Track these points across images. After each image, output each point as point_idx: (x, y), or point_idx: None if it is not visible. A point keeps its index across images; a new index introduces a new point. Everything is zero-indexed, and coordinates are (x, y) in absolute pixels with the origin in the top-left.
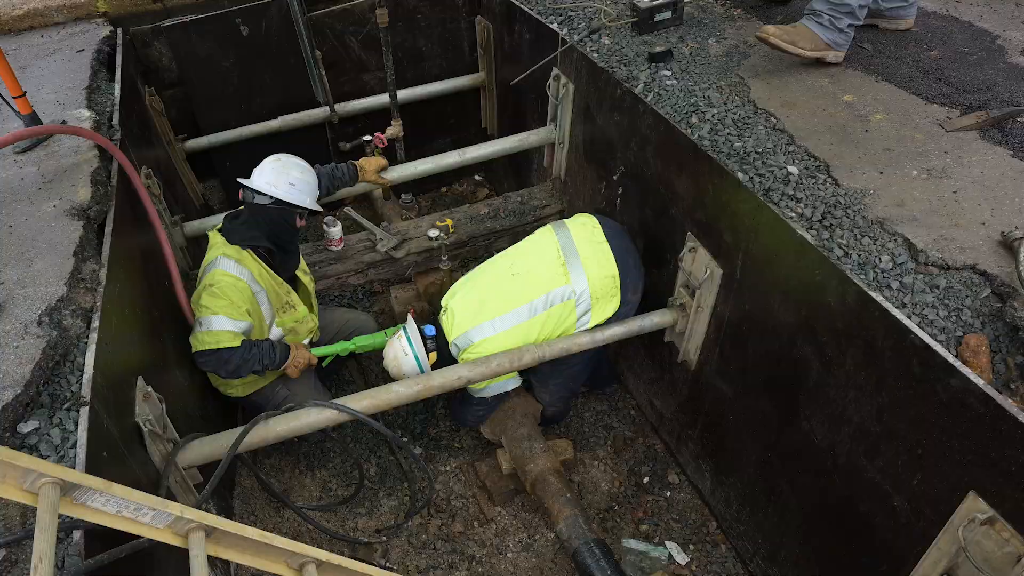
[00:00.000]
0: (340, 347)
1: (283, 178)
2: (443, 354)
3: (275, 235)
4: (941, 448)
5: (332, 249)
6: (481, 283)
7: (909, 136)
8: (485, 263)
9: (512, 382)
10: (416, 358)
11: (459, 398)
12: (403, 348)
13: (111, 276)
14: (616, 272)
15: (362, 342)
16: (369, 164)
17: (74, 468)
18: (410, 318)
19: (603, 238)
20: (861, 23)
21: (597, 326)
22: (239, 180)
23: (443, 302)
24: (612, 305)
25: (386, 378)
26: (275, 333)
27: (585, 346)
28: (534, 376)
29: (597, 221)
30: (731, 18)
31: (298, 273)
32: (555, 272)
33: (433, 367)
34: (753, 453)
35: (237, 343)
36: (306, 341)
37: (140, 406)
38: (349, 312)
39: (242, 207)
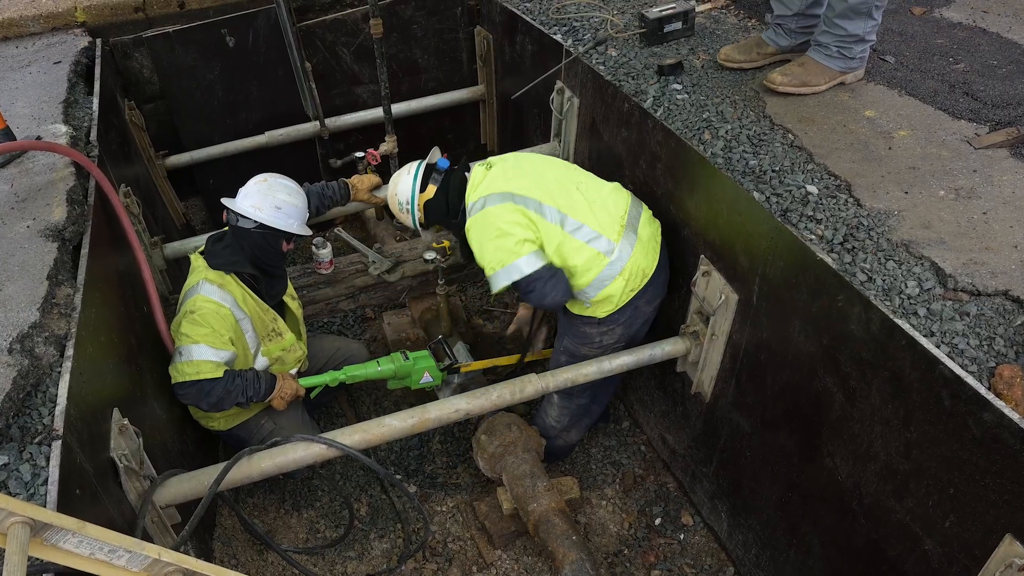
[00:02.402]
0: (329, 377)
1: (268, 201)
2: (447, 202)
3: (259, 260)
4: (975, 488)
5: (321, 272)
6: (539, 168)
7: (935, 154)
8: (543, 155)
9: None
10: (414, 180)
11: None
12: (409, 168)
13: (87, 301)
14: (651, 273)
15: (353, 372)
16: (361, 183)
17: (45, 506)
18: (436, 151)
19: (660, 240)
20: (875, 41)
21: (605, 355)
22: (223, 201)
23: (487, 160)
24: (622, 296)
25: (379, 411)
26: (260, 363)
27: (592, 376)
28: (557, 393)
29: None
30: (745, 28)
31: (285, 298)
32: (613, 224)
33: (425, 206)
34: (773, 492)
35: (219, 374)
36: (294, 371)
37: (116, 440)
38: (339, 340)
39: (226, 228)
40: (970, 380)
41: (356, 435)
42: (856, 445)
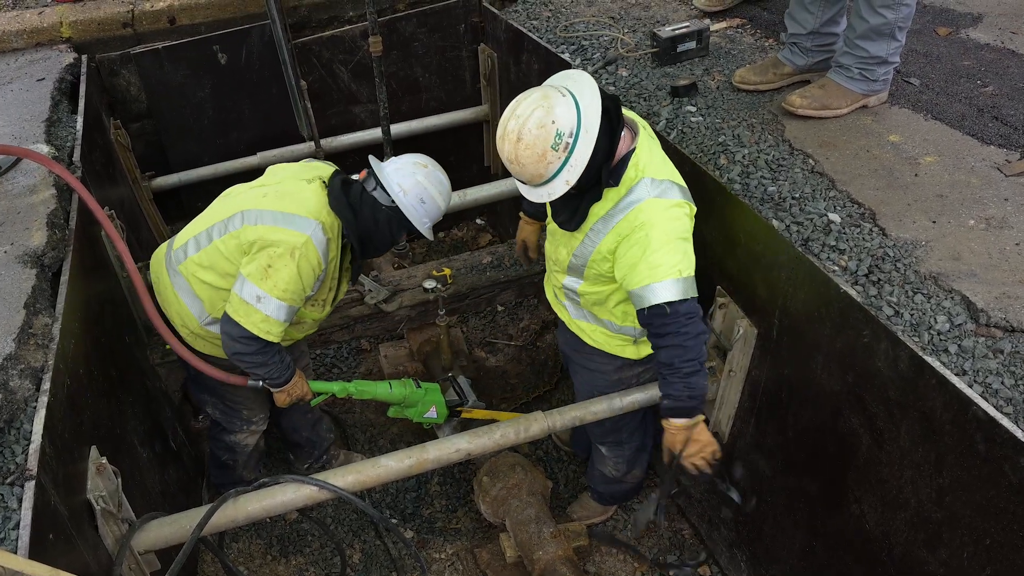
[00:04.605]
0: (339, 387)
1: (418, 190)
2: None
3: (367, 236)
4: (1013, 538)
5: None
6: None
7: (964, 181)
8: None
9: None
10: (577, 107)
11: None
12: (561, 90)
13: (65, 331)
14: None
15: (363, 387)
16: None
17: (16, 553)
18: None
19: None
20: (898, 63)
21: (617, 392)
22: (371, 160)
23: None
24: None
25: (372, 451)
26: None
27: (601, 415)
28: (604, 443)
29: None
30: (762, 48)
31: None
32: None
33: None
34: (796, 540)
35: (278, 339)
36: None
37: (93, 480)
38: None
39: (356, 178)
40: (1005, 422)
41: (350, 476)
42: (885, 491)
